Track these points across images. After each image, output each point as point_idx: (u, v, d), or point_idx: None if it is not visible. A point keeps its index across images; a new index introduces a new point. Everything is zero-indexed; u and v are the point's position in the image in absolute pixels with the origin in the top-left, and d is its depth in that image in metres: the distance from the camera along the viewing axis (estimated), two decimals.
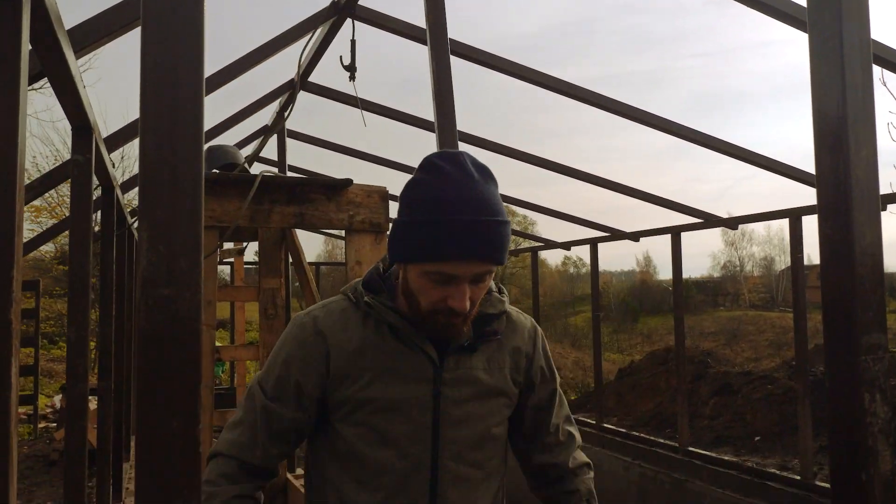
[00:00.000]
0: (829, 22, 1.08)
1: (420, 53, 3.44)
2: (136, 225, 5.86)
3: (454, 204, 1.21)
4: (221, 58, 3.53)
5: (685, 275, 6.06)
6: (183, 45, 0.72)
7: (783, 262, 47.78)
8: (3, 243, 0.99)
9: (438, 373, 1.35)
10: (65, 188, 18.10)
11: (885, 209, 4.36)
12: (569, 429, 1.56)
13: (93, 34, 1.86)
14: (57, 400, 12.31)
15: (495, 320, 1.42)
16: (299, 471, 4.15)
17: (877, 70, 3.23)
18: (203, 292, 2.22)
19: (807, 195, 4.97)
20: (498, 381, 1.42)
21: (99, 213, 3.97)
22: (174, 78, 0.72)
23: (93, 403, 10.79)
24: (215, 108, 4.30)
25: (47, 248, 20.19)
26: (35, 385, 10.17)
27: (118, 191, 3.58)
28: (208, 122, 4.99)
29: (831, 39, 1.08)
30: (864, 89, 1.06)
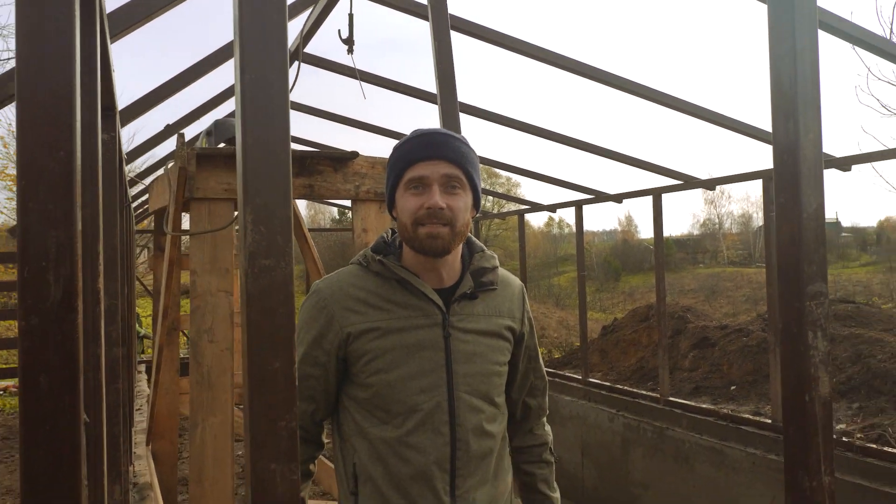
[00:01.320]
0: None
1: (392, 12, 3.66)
2: (132, 194, 5.98)
3: (422, 131, 1.58)
4: (226, 34, 3.65)
5: (666, 233, 6.32)
6: (273, 56, 0.92)
7: (760, 219, 48.46)
8: (92, 222, 1.18)
9: (446, 317, 1.56)
10: None
11: (849, 169, 4.61)
12: (545, 374, 1.85)
13: (130, 17, 2.00)
14: None
15: (491, 272, 1.65)
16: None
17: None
18: (223, 261, 2.42)
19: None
20: (497, 325, 1.64)
21: None
22: (267, 85, 0.92)
23: None
24: (217, 79, 4.45)
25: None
26: None
27: (125, 165, 3.73)
28: (209, 93, 5.12)
29: (786, 21, 1.29)
30: (812, 82, 1.27)
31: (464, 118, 5.37)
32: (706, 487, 5.41)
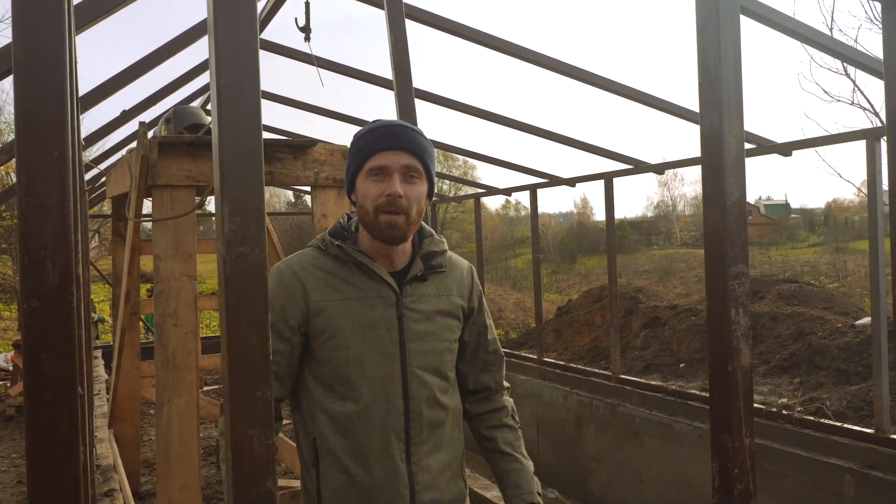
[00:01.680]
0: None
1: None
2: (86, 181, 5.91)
3: (383, 122, 1.68)
4: (185, 21, 3.67)
5: (620, 215, 6.54)
6: (245, 58, 1.01)
7: None
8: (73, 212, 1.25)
9: (399, 299, 1.68)
10: None
11: (790, 154, 4.84)
12: (499, 349, 1.92)
13: (97, 9, 2.04)
14: (0, 359, 12.22)
15: (440, 256, 1.77)
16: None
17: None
18: (186, 245, 2.51)
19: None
20: (446, 304, 1.76)
21: None
22: (240, 90, 1.01)
23: None
24: (173, 65, 4.46)
25: None
26: None
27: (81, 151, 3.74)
28: (166, 79, 5.12)
29: (712, 21, 1.42)
30: (735, 82, 1.40)
31: (422, 104, 5.46)
32: (655, 460, 5.65)
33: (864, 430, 4.40)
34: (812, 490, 4.48)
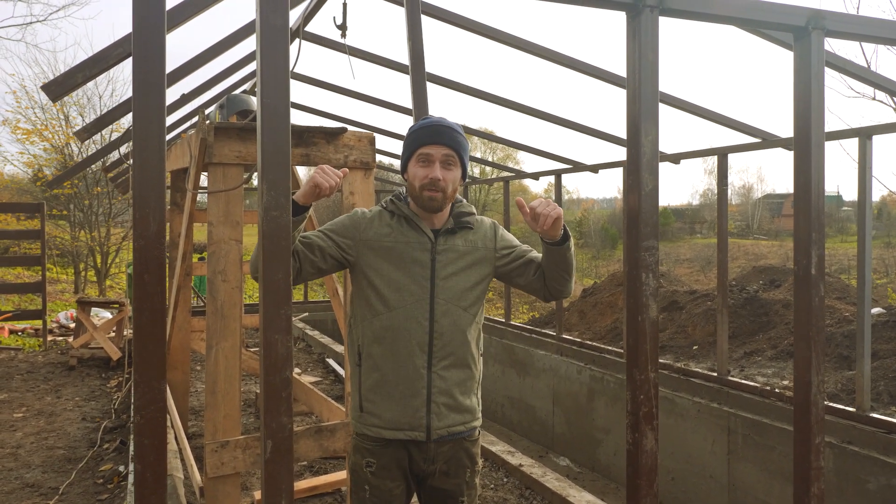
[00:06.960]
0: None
1: None
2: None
3: (430, 120, 2.23)
4: (234, 22, 4.16)
5: (664, 203, 6.81)
6: (279, 101, 1.47)
7: (762, 190, 48.91)
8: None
9: (434, 246, 2.23)
10: (52, 110, 18.38)
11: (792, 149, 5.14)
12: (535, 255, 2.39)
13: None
14: (62, 316, 13.11)
15: (468, 216, 2.33)
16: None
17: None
18: (235, 214, 3.06)
19: (732, 136, 5.72)
20: (472, 254, 2.29)
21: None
22: (278, 115, 1.48)
23: (99, 314, 11.39)
24: (225, 56, 4.98)
25: (25, 171, 20.80)
26: (43, 301, 10.89)
27: None
28: (218, 67, 5.66)
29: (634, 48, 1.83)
30: (651, 100, 1.82)
31: (466, 98, 5.89)
32: (658, 432, 6.05)
33: (846, 408, 4.75)
34: None
